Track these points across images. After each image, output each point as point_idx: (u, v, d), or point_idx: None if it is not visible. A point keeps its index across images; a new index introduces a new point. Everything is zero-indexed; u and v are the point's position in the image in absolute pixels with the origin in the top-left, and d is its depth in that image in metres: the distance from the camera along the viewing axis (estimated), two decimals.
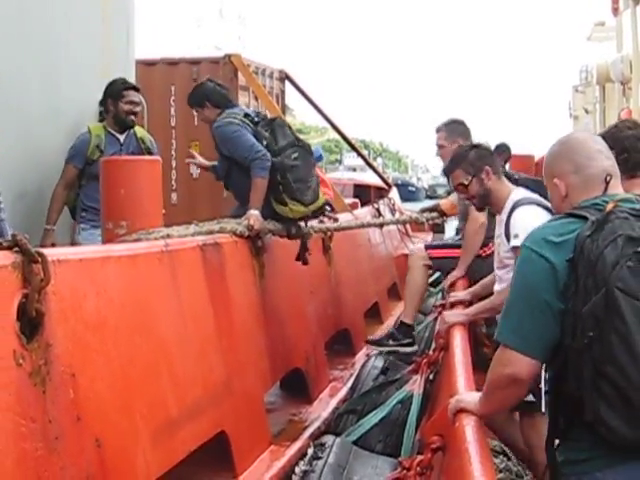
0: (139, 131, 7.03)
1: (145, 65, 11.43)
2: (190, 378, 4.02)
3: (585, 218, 2.72)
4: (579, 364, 2.62)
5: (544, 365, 2.79)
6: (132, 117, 6.80)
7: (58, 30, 7.21)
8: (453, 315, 5.21)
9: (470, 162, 5.08)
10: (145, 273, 3.82)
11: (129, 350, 3.47)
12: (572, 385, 2.66)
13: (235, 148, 5.81)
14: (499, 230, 5.03)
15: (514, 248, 4.62)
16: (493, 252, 5.56)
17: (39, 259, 2.82)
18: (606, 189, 2.89)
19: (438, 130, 7.00)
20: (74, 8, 7.51)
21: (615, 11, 14.38)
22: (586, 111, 22.06)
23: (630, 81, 11.69)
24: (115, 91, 6.77)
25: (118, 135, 6.77)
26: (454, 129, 6.92)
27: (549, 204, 3.33)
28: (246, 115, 6.07)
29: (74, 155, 6.59)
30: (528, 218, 4.61)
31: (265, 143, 5.76)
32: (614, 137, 3.82)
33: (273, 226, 5.65)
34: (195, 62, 12.19)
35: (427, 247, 7.13)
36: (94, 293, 3.26)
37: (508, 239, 4.78)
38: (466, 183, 5.08)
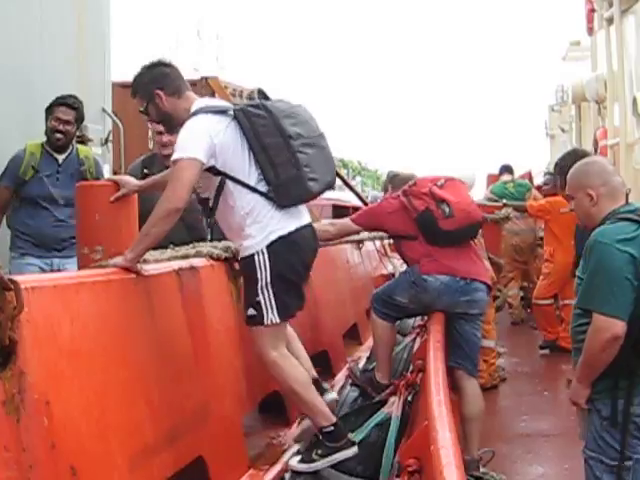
0: (82, 151, 6.62)
1: (122, 87, 11.37)
2: (167, 403, 3.99)
3: (638, 222, 3.87)
4: None
5: None
6: (58, 135, 6.36)
7: (33, 52, 7.22)
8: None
9: (143, 88, 4.61)
10: (120, 299, 3.81)
11: (104, 377, 3.45)
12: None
13: None
14: None
15: (174, 161, 4.32)
16: None
17: (12, 286, 2.80)
18: (627, 200, 4.09)
19: None
20: (49, 30, 7.52)
21: (590, 30, 14.50)
22: (562, 130, 22.21)
23: (605, 100, 11.77)
24: (48, 106, 6.38)
25: (56, 155, 6.39)
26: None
27: (226, 106, 4.52)
28: None
29: (4, 174, 6.25)
30: (185, 130, 4.38)
31: None
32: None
33: None
34: None
35: None
36: (68, 320, 3.23)
37: None
38: (143, 110, 4.67)
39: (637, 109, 10.11)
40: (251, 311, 4.59)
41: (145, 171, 6.27)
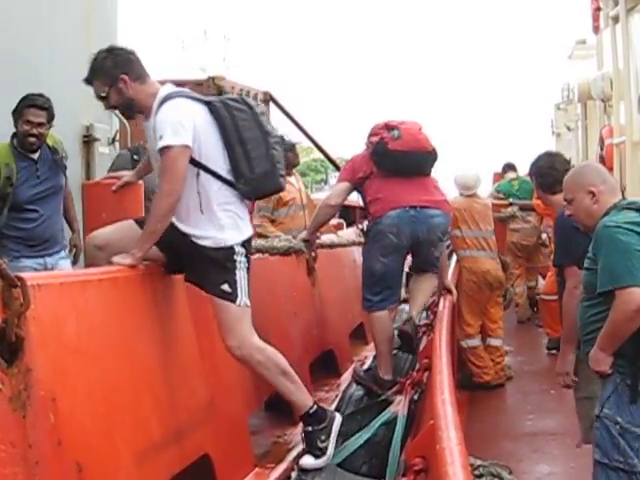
0: (50, 139, 6.26)
1: None
2: (173, 401, 4.00)
3: (638, 210, 4.00)
4: None
5: None
6: (32, 139, 6.04)
7: (41, 52, 7.23)
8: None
9: (106, 72, 4.48)
10: (126, 296, 3.82)
11: (110, 374, 3.46)
12: None
13: None
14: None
15: (161, 149, 4.26)
16: None
17: (19, 284, 2.81)
18: (623, 195, 4.34)
19: None
20: (57, 30, 7.53)
21: (596, 29, 14.46)
22: (568, 128, 22.13)
23: (611, 99, 11.73)
24: (17, 108, 6.03)
25: (31, 155, 6.11)
26: None
27: (199, 96, 4.53)
28: None
29: None
30: (171, 113, 4.33)
31: None
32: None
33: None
34: (179, 84, 12.13)
35: None
36: (75, 317, 3.25)
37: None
38: (104, 95, 4.50)
39: None
40: (226, 287, 4.45)
41: (135, 157, 6.42)
